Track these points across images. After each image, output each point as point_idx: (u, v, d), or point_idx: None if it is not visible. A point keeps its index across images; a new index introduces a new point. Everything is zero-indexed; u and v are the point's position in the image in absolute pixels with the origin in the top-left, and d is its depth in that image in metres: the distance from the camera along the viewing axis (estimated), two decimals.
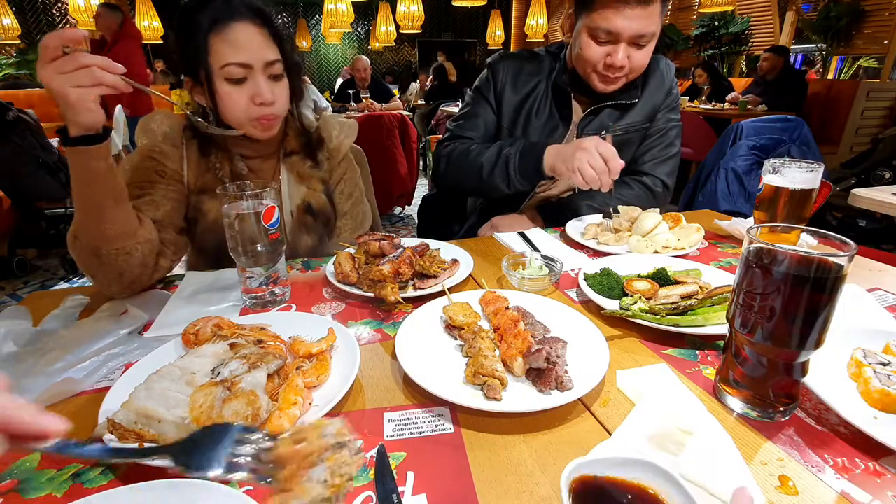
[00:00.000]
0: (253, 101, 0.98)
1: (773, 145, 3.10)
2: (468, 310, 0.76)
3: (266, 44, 0.98)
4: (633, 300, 0.80)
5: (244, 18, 0.96)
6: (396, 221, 4.62)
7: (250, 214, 0.81)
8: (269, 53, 0.98)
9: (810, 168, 0.99)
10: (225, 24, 0.95)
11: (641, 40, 1.19)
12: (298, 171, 1.16)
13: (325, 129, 1.24)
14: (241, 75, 0.96)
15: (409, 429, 0.57)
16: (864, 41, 6.03)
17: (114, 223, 0.84)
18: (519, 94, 1.40)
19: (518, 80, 1.41)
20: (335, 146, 1.24)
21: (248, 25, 0.96)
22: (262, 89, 0.98)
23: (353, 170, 1.29)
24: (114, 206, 0.83)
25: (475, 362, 0.63)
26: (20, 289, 3.18)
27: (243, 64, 0.96)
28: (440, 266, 0.94)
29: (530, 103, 1.40)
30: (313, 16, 10.28)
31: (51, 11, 8.20)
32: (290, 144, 1.16)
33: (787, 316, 0.51)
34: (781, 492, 0.48)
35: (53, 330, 0.80)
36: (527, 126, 1.40)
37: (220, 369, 0.59)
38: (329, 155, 1.23)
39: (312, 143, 1.19)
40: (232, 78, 0.96)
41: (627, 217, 1.19)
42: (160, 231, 0.98)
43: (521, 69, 1.41)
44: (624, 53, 1.19)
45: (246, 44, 0.95)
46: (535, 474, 0.51)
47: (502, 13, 8.11)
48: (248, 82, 0.98)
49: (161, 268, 0.97)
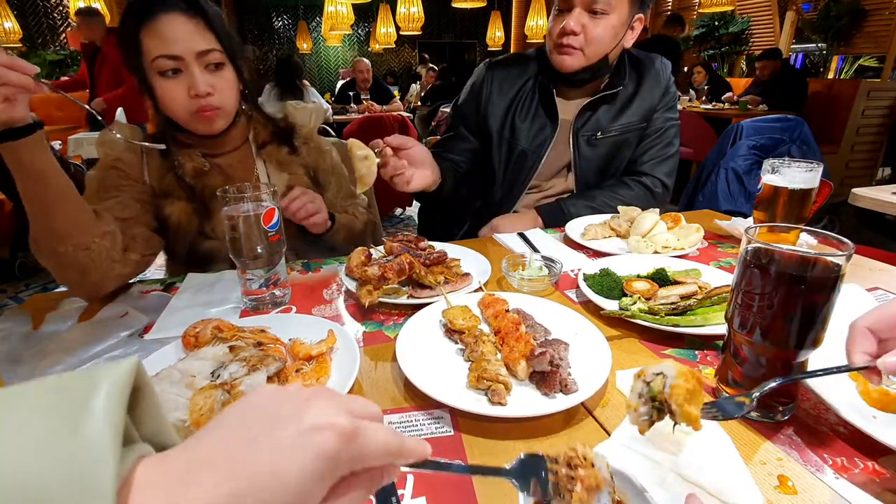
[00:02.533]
0: (189, 93, 0.97)
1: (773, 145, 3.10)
2: (467, 313, 0.76)
3: (198, 33, 0.96)
4: (633, 300, 0.80)
5: (171, 9, 0.94)
6: (397, 223, 4.62)
7: (250, 216, 0.81)
8: (200, 43, 0.96)
9: (810, 168, 0.99)
10: (152, 17, 0.93)
11: (595, 5, 1.19)
12: (277, 159, 1.16)
13: (291, 116, 1.23)
14: (171, 67, 0.95)
15: (408, 431, 0.57)
16: (864, 41, 6.02)
17: (63, 219, 0.82)
18: (505, 98, 1.41)
19: (504, 85, 1.41)
20: (308, 132, 1.24)
21: (176, 16, 0.94)
22: (196, 80, 0.96)
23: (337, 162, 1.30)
24: (59, 201, 0.81)
25: (478, 367, 0.63)
26: (21, 291, 3.18)
27: (172, 56, 0.94)
28: (447, 278, 0.91)
29: (516, 105, 1.40)
30: (314, 18, 10.30)
31: (52, 15, 8.22)
32: (260, 136, 1.15)
33: (786, 316, 0.51)
34: (780, 491, 0.48)
35: (54, 332, 0.80)
36: (514, 129, 1.40)
37: (220, 372, 0.59)
38: (304, 140, 1.23)
39: (282, 130, 1.18)
40: (163, 71, 0.95)
41: (627, 217, 1.19)
42: (130, 228, 0.97)
43: (507, 73, 1.42)
44: (576, 20, 1.20)
45: (173, 35, 0.93)
46: None
47: (502, 14, 8.12)
48: (183, 75, 0.96)
49: (130, 261, 0.94)
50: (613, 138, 1.38)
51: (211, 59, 0.97)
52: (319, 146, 1.26)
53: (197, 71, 0.96)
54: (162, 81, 0.96)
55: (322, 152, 1.27)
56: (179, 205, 1.06)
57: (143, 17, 0.93)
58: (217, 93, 0.99)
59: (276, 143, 1.16)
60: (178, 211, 1.06)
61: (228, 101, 1.03)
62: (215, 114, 1.01)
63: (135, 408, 0.28)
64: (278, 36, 10.56)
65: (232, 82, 1.03)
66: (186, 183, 1.06)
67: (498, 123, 1.42)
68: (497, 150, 1.42)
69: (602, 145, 1.39)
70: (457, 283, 0.90)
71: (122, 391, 0.26)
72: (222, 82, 1.00)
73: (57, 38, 8.08)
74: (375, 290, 0.83)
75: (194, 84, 0.96)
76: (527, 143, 1.40)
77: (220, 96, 1.00)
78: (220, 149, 1.11)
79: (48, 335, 0.79)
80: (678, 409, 0.38)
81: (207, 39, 0.97)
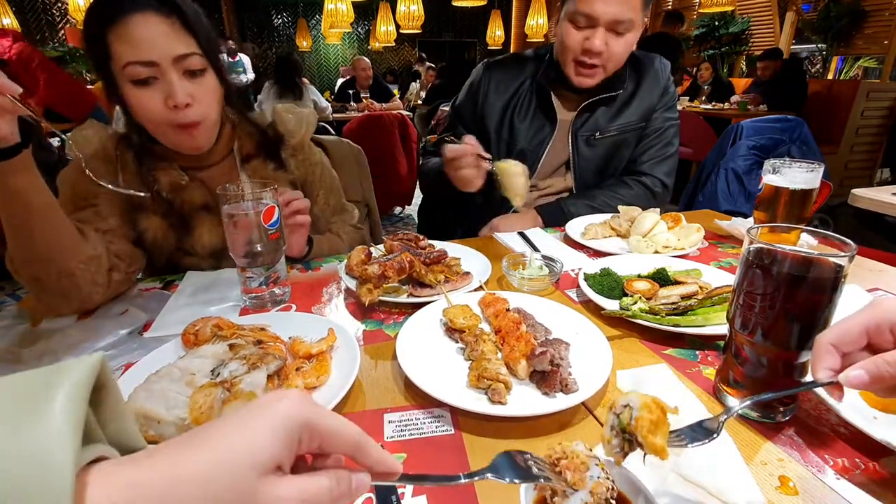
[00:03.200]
0: (166, 103, 0.86)
1: (773, 145, 3.10)
2: (468, 312, 0.76)
3: (174, 35, 0.84)
4: (634, 300, 0.80)
5: (143, 9, 0.82)
6: (396, 221, 4.62)
7: (250, 214, 0.81)
8: (178, 46, 0.84)
9: (810, 168, 0.99)
10: (121, 17, 0.81)
11: (619, 27, 1.19)
12: (262, 175, 1.06)
13: (280, 123, 1.12)
14: (146, 74, 0.84)
15: (409, 430, 0.57)
16: (864, 41, 6.03)
17: (44, 242, 0.77)
18: (502, 98, 1.41)
19: (500, 85, 1.42)
20: (297, 142, 1.13)
21: (149, 16, 0.82)
22: (174, 89, 0.84)
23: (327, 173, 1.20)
24: (41, 223, 0.75)
25: (478, 366, 0.63)
26: (20, 289, 3.17)
27: (146, 62, 0.82)
28: (447, 277, 0.90)
29: (514, 104, 1.41)
30: (313, 16, 10.28)
31: (51, 11, 8.20)
32: (244, 148, 1.05)
33: (788, 316, 0.51)
34: (781, 492, 0.48)
35: (53, 330, 0.80)
36: (512, 128, 1.41)
37: (220, 370, 0.59)
38: (293, 152, 1.13)
39: (269, 142, 1.09)
40: (136, 79, 0.84)
41: (628, 217, 1.19)
42: (111, 242, 0.91)
43: (504, 73, 1.43)
44: (602, 39, 1.20)
45: (146, 37, 0.82)
46: None
47: (502, 13, 8.12)
48: (159, 83, 0.85)
49: (114, 282, 0.89)
50: (612, 138, 1.39)
51: (190, 64, 0.86)
52: (309, 158, 1.16)
53: (175, 78, 0.85)
54: (134, 91, 0.85)
55: (312, 164, 1.17)
56: (155, 220, 0.98)
57: (111, 17, 0.81)
58: (197, 104, 0.88)
59: (263, 156, 1.07)
60: (154, 227, 0.98)
61: (211, 112, 0.93)
62: (197, 129, 0.91)
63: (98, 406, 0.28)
64: (278, 34, 10.54)
65: (214, 90, 0.92)
66: (163, 197, 0.97)
67: (495, 123, 1.42)
68: (495, 148, 1.43)
69: (601, 145, 1.39)
70: (457, 282, 0.90)
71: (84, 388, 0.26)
72: (203, 91, 0.90)
73: (56, 35, 8.06)
74: (375, 289, 0.82)
75: (172, 93, 0.85)
76: (525, 143, 1.40)
77: (201, 108, 0.90)
78: (200, 161, 1.01)
79: (47, 333, 0.79)
80: (643, 440, 0.39)
81: (185, 42, 0.86)
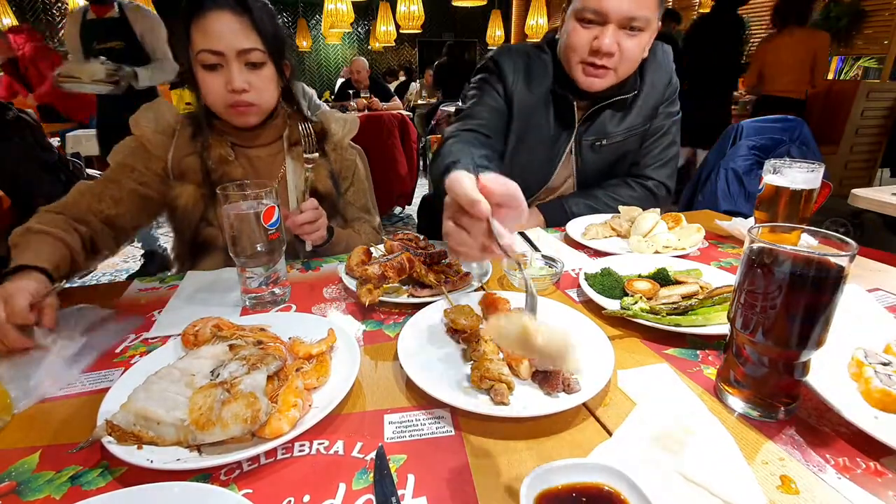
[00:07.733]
0: (226, 87, 1.02)
1: (774, 145, 3.09)
2: (470, 313, 0.75)
3: (241, 32, 1.00)
4: (634, 300, 0.80)
5: (220, 7, 0.99)
6: (396, 221, 4.62)
7: (250, 214, 0.81)
8: (243, 41, 1.00)
9: (811, 168, 0.99)
10: (201, 12, 0.99)
11: (633, 23, 1.08)
12: (305, 159, 1.18)
13: (326, 122, 1.27)
14: (213, 61, 1.00)
15: (409, 431, 0.57)
16: (864, 41, 6.02)
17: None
18: (533, 96, 1.29)
19: (531, 80, 1.28)
20: (338, 139, 1.28)
21: (224, 14, 0.99)
22: (233, 76, 1.01)
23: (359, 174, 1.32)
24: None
25: (480, 366, 0.62)
26: None
27: (214, 51, 0.99)
28: (448, 277, 0.90)
29: (539, 107, 1.30)
30: (313, 16, 10.27)
31: (51, 11, 8.19)
32: (294, 135, 1.19)
33: (789, 316, 0.51)
34: (782, 491, 0.48)
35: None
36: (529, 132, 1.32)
37: (220, 371, 0.59)
38: (334, 147, 1.27)
39: (316, 133, 1.22)
40: (205, 64, 1.01)
41: (628, 217, 1.19)
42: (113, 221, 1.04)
43: (529, 67, 1.29)
44: (612, 38, 1.08)
45: (219, 32, 0.99)
46: None
47: (502, 13, 8.11)
48: (223, 69, 1.02)
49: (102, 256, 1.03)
50: (618, 143, 1.34)
51: (251, 57, 1.02)
52: (346, 156, 1.30)
53: (235, 67, 1.01)
54: (203, 73, 1.02)
55: (348, 161, 1.30)
56: (190, 188, 1.09)
57: (195, 12, 0.99)
58: (253, 90, 1.04)
59: (308, 144, 1.20)
60: (188, 194, 1.09)
61: (264, 99, 1.07)
62: (249, 109, 1.06)
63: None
64: None
65: (270, 80, 1.07)
66: (206, 167, 1.09)
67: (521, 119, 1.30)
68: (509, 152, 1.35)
69: (606, 151, 1.35)
70: (457, 283, 0.90)
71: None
72: (260, 80, 1.05)
73: (56, 35, 8.05)
74: (376, 289, 0.82)
75: (231, 79, 1.01)
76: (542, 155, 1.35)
77: (256, 94, 1.05)
78: (251, 142, 1.15)
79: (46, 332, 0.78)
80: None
81: (251, 38, 1.01)
